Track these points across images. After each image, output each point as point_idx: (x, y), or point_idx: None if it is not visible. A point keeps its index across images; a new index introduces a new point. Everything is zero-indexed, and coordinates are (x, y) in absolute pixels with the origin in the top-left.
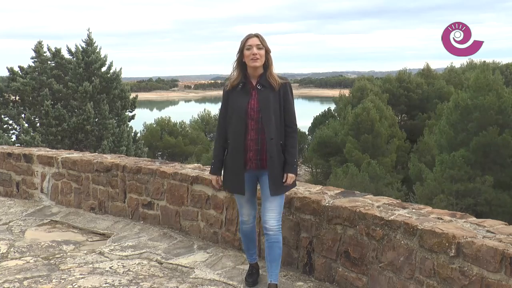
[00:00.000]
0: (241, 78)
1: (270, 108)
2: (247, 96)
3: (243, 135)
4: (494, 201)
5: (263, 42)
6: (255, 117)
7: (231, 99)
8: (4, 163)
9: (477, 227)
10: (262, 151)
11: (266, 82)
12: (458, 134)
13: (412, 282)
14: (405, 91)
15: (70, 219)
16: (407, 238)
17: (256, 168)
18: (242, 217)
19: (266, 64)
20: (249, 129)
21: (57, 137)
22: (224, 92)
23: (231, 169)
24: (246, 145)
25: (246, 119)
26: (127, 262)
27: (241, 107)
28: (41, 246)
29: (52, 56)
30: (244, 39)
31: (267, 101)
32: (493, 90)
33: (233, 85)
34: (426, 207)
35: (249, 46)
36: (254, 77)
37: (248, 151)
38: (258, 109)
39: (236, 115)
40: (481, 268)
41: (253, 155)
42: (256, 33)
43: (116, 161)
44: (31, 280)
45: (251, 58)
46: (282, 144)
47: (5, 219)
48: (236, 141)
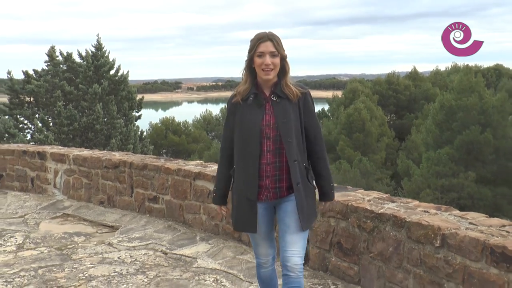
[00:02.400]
0: (251, 88)
1: (291, 124)
2: (260, 111)
3: (257, 159)
4: (476, 195)
5: (278, 48)
6: (271, 136)
7: (239, 115)
8: (19, 160)
9: (460, 219)
10: (282, 178)
11: (282, 93)
12: (443, 132)
13: (400, 270)
14: (394, 92)
15: (81, 212)
16: (395, 230)
17: (275, 198)
18: (258, 259)
19: (283, 72)
20: (264, 151)
21: (68, 136)
22: (230, 105)
23: (240, 201)
24: (262, 170)
25: (261, 138)
26: (134, 253)
27: (254, 124)
28: (54, 237)
29: (64, 60)
30: (255, 42)
31: (285, 115)
32: (476, 92)
33: (243, 97)
34: (413, 201)
35: (261, 53)
36: (267, 87)
37: (263, 178)
38: (275, 126)
39: (247, 134)
40: (464, 258)
41: (270, 182)
42: (269, 34)
43: (123, 158)
44: (45, 269)
45: (262, 68)
46: (306, 166)
47: (21, 212)
48: (248, 166)
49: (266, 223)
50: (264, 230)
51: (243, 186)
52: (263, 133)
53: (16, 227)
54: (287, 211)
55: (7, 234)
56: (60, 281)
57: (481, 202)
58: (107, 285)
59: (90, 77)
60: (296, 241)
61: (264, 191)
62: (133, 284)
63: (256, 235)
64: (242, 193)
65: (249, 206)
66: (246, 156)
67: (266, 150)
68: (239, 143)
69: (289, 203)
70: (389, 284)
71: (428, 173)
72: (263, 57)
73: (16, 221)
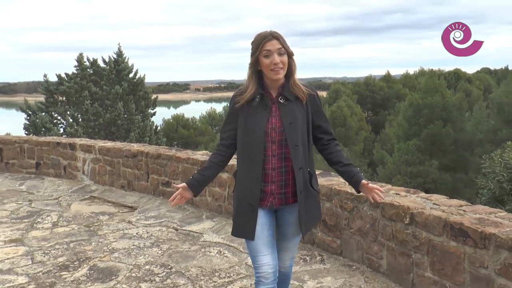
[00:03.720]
0: (257, 89)
1: (297, 127)
2: (265, 112)
3: (260, 164)
4: (438, 180)
5: (285, 45)
6: (277, 140)
7: (244, 117)
8: (54, 150)
9: (426, 200)
10: (288, 183)
11: (290, 94)
12: (412, 127)
13: (375, 244)
14: (370, 92)
15: (105, 195)
16: (372, 210)
17: (280, 204)
18: (258, 272)
19: (289, 71)
20: (270, 155)
21: (94, 130)
22: (233, 109)
23: (241, 205)
24: (267, 175)
25: (266, 142)
26: (150, 229)
27: (258, 127)
28: (83, 216)
29: (90, 65)
30: (260, 41)
31: (292, 118)
32: (439, 92)
33: (248, 99)
34: (387, 185)
35: (268, 52)
36: (274, 88)
37: (269, 184)
38: (281, 129)
39: (251, 137)
40: (429, 233)
41: (275, 188)
42: (273, 32)
43: (141, 148)
44: (76, 243)
45: (271, 69)
46: (310, 172)
47: (55, 195)
48: (251, 171)
49: (268, 228)
50: (266, 234)
51: (245, 191)
52: (268, 137)
53: (52, 207)
54: (289, 222)
55: (44, 214)
56: (88, 253)
57: (443, 186)
58: (127, 256)
59: (113, 80)
60: (291, 248)
61: (269, 197)
62: (149, 255)
63: (257, 241)
64: (244, 198)
65: (250, 211)
66: (249, 160)
67: (271, 154)
68: (243, 146)
69: (291, 216)
70: (366, 255)
71: (399, 161)
72: (270, 56)
73: (52, 203)
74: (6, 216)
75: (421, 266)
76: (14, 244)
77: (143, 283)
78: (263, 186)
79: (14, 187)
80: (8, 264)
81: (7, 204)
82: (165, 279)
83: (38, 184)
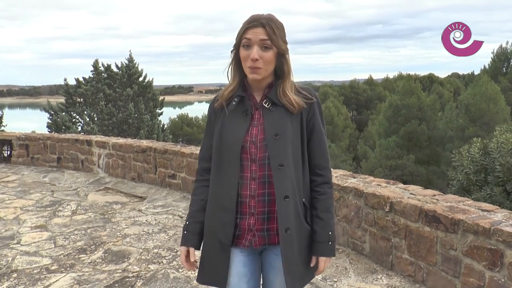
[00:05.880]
0: (237, 88)
1: (286, 141)
2: (245, 120)
3: (235, 188)
4: (415, 172)
5: (274, 37)
6: (258, 157)
7: (220, 124)
8: (73, 146)
9: (404, 190)
10: (272, 216)
11: (279, 99)
12: (391, 125)
13: (359, 229)
14: (355, 94)
15: (118, 186)
16: (356, 199)
17: (262, 244)
18: None
19: (280, 72)
20: (248, 178)
21: (108, 128)
22: (211, 111)
23: (209, 242)
24: (243, 205)
25: (244, 159)
26: (158, 217)
27: (234, 139)
28: (99, 205)
29: (105, 70)
30: (243, 26)
31: (279, 128)
32: (415, 94)
33: (226, 99)
34: (369, 177)
35: (248, 42)
36: (259, 90)
37: (246, 216)
38: (263, 143)
39: (225, 152)
40: (406, 219)
41: (255, 222)
42: (264, 18)
43: (149, 144)
44: (92, 229)
45: (248, 65)
46: (305, 204)
47: (74, 186)
48: (222, 197)
49: (248, 279)
50: (244, 282)
51: (214, 223)
52: (247, 153)
53: (71, 197)
54: (275, 267)
55: (65, 203)
56: (103, 238)
57: (418, 178)
58: (138, 241)
59: (124, 83)
60: None
61: (246, 234)
62: (157, 240)
63: None
64: (213, 232)
65: (220, 250)
66: (221, 184)
67: (250, 177)
68: (214, 164)
69: (277, 258)
70: (351, 239)
71: (380, 156)
72: (249, 49)
73: (71, 193)
74: (32, 205)
75: (399, 248)
76: (39, 229)
77: (152, 265)
78: (238, 219)
79: (39, 179)
80: (34, 247)
81: (33, 194)
82: (171, 261)
83: (59, 176)
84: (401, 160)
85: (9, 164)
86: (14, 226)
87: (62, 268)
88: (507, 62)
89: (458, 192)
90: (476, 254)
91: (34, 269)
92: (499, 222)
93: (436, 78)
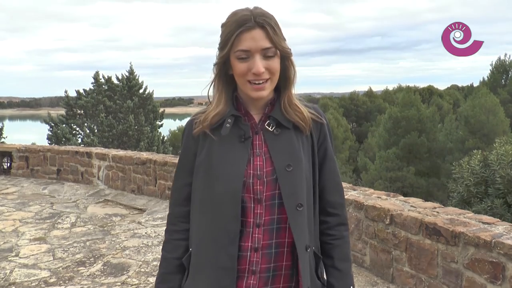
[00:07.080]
0: (226, 107)
1: (302, 175)
2: (243, 148)
3: (235, 240)
4: (415, 184)
5: (276, 39)
6: (264, 196)
7: (205, 154)
8: (73, 158)
9: (404, 203)
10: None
11: (284, 117)
12: (391, 137)
13: (360, 241)
14: (355, 106)
15: (117, 198)
16: (356, 211)
17: None
18: None
19: (284, 82)
20: (251, 224)
21: (108, 140)
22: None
23: None
24: (243, 260)
25: (246, 201)
26: (157, 229)
27: (232, 173)
28: (98, 217)
29: (105, 82)
30: (233, 30)
31: (292, 157)
32: (414, 106)
33: (212, 123)
34: (369, 189)
35: (245, 54)
36: (257, 107)
37: (246, 274)
38: (272, 178)
39: (219, 190)
40: (407, 232)
41: (256, 282)
42: (258, 14)
43: (149, 157)
44: (91, 241)
45: (249, 80)
46: (316, 253)
47: (74, 198)
48: (216, 251)
49: None
50: None
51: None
52: (250, 191)
53: (71, 209)
54: None
55: (64, 215)
56: (102, 250)
57: (419, 190)
58: (137, 254)
59: (125, 95)
60: None
61: None
62: (156, 252)
63: None
64: None
65: None
66: (212, 233)
67: (254, 223)
68: (201, 207)
69: None
70: (352, 252)
71: (380, 167)
72: (249, 59)
73: (70, 205)
74: (31, 217)
75: (400, 261)
76: (38, 242)
77: (151, 278)
78: (235, 279)
79: (38, 191)
80: (33, 259)
81: (32, 206)
82: None
83: (59, 188)
84: (401, 172)
85: (9, 176)
86: (13, 238)
87: (61, 281)
88: (505, 74)
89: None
90: (478, 267)
91: (32, 282)
92: (500, 234)
93: (436, 90)
